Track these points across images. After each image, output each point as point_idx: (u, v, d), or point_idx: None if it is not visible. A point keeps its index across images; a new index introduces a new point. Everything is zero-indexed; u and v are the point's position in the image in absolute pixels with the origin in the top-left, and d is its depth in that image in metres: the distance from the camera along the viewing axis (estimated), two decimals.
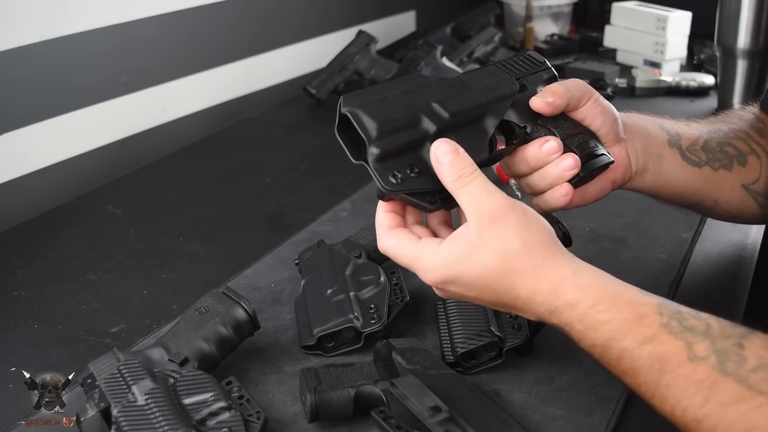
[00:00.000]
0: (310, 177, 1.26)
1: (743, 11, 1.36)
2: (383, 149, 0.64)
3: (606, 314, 0.58)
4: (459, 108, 0.68)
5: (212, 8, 1.52)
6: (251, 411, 0.62)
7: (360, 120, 0.64)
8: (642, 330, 0.56)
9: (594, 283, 0.60)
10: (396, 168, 0.65)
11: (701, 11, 1.69)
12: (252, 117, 1.59)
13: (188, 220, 1.13)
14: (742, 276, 0.91)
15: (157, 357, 0.69)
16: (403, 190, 0.64)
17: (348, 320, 0.77)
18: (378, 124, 0.64)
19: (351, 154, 0.66)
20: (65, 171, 1.28)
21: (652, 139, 0.78)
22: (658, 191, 0.80)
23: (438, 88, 0.69)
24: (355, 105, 0.65)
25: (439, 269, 0.63)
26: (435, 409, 0.61)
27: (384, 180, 0.64)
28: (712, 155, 0.81)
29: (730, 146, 0.83)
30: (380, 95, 0.67)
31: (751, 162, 0.83)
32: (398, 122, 0.65)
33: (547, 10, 1.96)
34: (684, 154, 0.80)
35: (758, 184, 0.83)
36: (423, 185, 0.65)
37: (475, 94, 0.70)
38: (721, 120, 0.88)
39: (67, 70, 1.26)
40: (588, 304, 0.59)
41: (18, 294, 0.94)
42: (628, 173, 0.76)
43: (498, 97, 0.71)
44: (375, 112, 0.65)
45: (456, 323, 0.74)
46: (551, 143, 0.70)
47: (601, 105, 0.73)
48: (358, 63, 1.61)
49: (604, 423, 0.67)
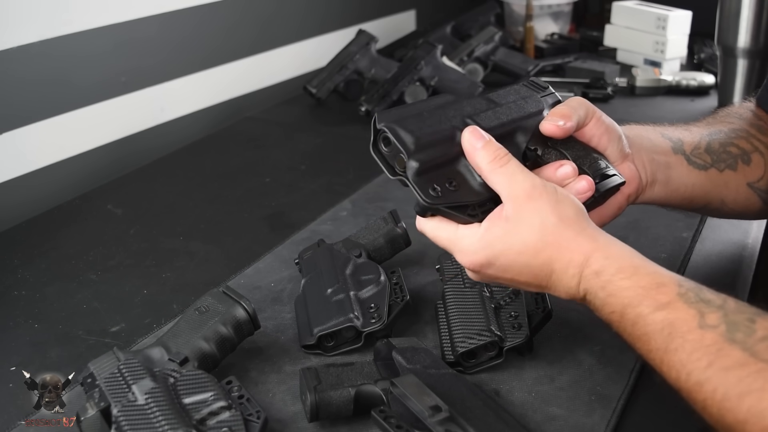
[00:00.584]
0: (310, 176, 1.26)
1: (743, 10, 1.36)
2: (422, 163, 0.65)
3: (627, 281, 0.60)
4: (493, 123, 0.69)
5: (212, 8, 1.52)
6: (251, 410, 0.62)
7: (398, 134, 0.66)
8: (659, 297, 0.58)
9: (620, 253, 0.62)
10: (435, 181, 0.66)
11: (701, 10, 1.69)
12: (252, 116, 1.59)
13: (188, 220, 1.13)
14: (742, 275, 0.91)
15: (157, 356, 0.69)
16: (443, 203, 0.65)
17: (348, 320, 0.77)
18: (415, 138, 0.65)
19: (387, 171, 0.68)
20: (65, 170, 1.28)
21: (656, 148, 0.78)
22: (669, 199, 0.80)
23: (471, 105, 0.70)
24: (392, 120, 0.66)
25: (479, 252, 0.65)
26: (435, 409, 0.61)
27: (424, 193, 0.65)
28: (716, 157, 0.81)
29: (733, 146, 0.83)
30: (414, 111, 0.68)
31: (755, 160, 0.83)
32: (435, 136, 0.67)
33: (548, 9, 1.96)
34: (689, 159, 0.80)
35: (762, 181, 0.83)
36: (462, 198, 0.66)
37: (505, 110, 0.71)
38: (721, 120, 0.87)
39: (66, 69, 1.26)
40: (611, 271, 0.61)
41: (18, 293, 0.94)
42: (640, 187, 0.76)
43: (527, 114, 0.71)
44: (412, 127, 0.66)
45: (456, 322, 0.74)
46: (566, 168, 0.70)
47: (605, 123, 0.73)
48: (358, 62, 1.61)
49: (605, 422, 0.67)
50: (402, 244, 0.91)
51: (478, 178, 0.67)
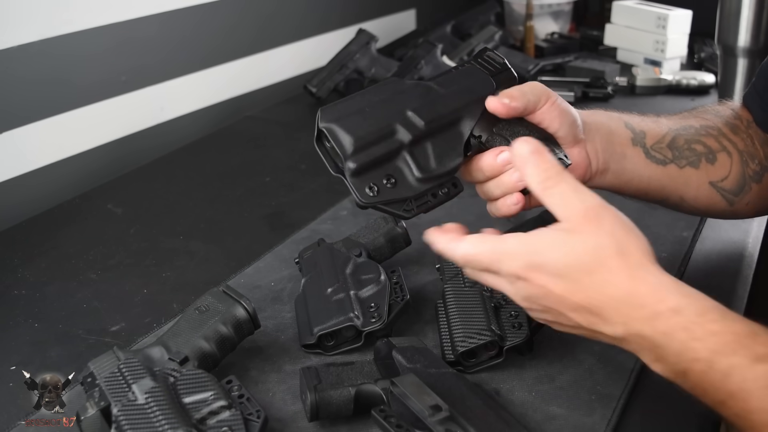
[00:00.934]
0: (311, 176, 1.26)
1: (744, 10, 1.36)
2: (359, 163, 0.66)
3: (715, 325, 0.53)
4: (434, 114, 0.69)
5: (212, 7, 1.52)
6: (251, 410, 0.62)
7: (336, 136, 0.66)
8: (756, 348, 0.51)
9: (697, 293, 0.55)
10: (372, 180, 0.66)
11: (702, 10, 1.69)
12: (252, 116, 1.59)
13: (188, 219, 1.13)
14: (742, 275, 0.91)
15: (157, 356, 0.69)
16: (380, 201, 0.66)
17: (348, 319, 0.77)
18: (354, 139, 0.66)
19: (330, 167, 0.68)
20: (65, 170, 1.28)
21: (614, 137, 0.77)
22: (621, 189, 0.79)
23: (414, 95, 0.69)
24: (332, 120, 0.67)
25: (525, 255, 0.58)
26: (435, 408, 0.61)
27: (361, 193, 0.66)
28: (678, 153, 0.80)
29: (699, 143, 0.82)
30: (357, 106, 0.68)
31: (720, 159, 0.82)
32: (374, 135, 0.67)
33: (548, 9, 1.96)
34: (648, 152, 0.79)
35: (727, 181, 0.82)
36: (399, 194, 0.67)
37: (451, 97, 0.70)
38: (695, 116, 0.86)
39: (66, 68, 1.26)
40: (694, 311, 0.53)
41: (18, 293, 0.94)
42: (587, 173, 0.75)
43: (474, 99, 0.70)
44: (351, 126, 0.66)
45: (456, 322, 0.74)
46: (505, 154, 0.68)
47: (559, 108, 0.71)
48: (359, 61, 1.61)
49: (605, 422, 0.67)
50: (402, 244, 0.91)
51: (416, 173, 0.67)
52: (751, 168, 0.84)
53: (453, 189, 0.69)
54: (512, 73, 0.73)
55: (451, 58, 1.62)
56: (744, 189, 0.83)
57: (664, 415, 0.69)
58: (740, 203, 0.84)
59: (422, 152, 0.68)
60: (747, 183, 0.83)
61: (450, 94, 0.70)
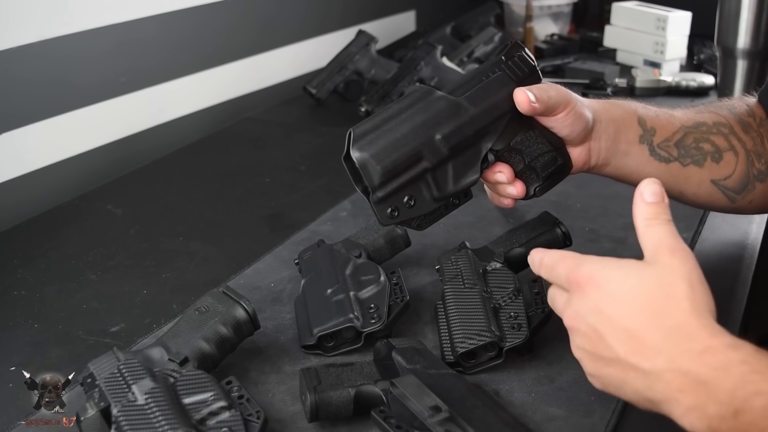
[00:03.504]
0: (310, 177, 1.26)
1: (743, 11, 1.36)
2: (385, 193, 0.70)
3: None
4: (461, 138, 0.72)
5: (212, 8, 1.52)
6: (251, 410, 0.62)
7: (366, 167, 0.70)
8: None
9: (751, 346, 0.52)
10: (394, 203, 0.71)
11: (701, 11, 1.69)
12: (252, 117, 1.59)
13: (188, 220, 1.13)
14: (742, 276, 0.91)
15: (157, 356, 0.69)
16: (399, 221, 0.72)
17: (348, 320, 0.77)
18: (382, 173, 0.70)
19: (356, 184, 0.72)
20: (65, 170, 1.28)
21: (621, 136, 0.79)
22: (619, 179, 0.82)
23: (444, 117, 0.72)
24: (362, 149, 0.70)
25: (593, 268, 0.58)
26: (435, 409, 0.61)
27: (382, 217, 0.71)
28: (684, 151, 0.81)
29: (708, 142, 0.82)
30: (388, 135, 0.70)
31: (726, 159, 0.83)
32: (401, 166, 0.70)
33: (547, 10, 1.96)
34: (653, 150, 0.80)
35: (730, 180, 0.83)
36: (417, 212, 0.72)
37: (479, 118, 0.73)
38: (711, 110, 0.86)
39: (66, 69, 1.26)
40: (752, 349, 0.51)
41: (18, 293, 0.94)
42: (585, 167, 0.79)
43: (500, 115, 0.73)
44: (381, 157, 0.70)
45: (456, 323, 0.74)
46: (501, 176, 0.75)
47: (575, 115, 0.74)
48: (358, 63, 1.61)
49: (604, 423, 0.67)
50: (402, 245, 0.91)
51: (434, 193, 0.71)
52: (756, 167, 0.84)
53: (464, 198, 0.75)
54: (540, 79, 0.76)
55: (451, 59, 1.63)
56: (747, 188, 0.84)
57: (663, 416, 0.69)
58: (742, 201, 0.85)
59: (443, 174, 0.72)
60: (751, 182, 0.84)
61: (479, 114, 0.73)
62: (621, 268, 0.57)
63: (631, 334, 0.54)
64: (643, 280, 0.56)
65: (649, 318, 0.54)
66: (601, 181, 1.13)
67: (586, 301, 0.58)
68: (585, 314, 0.58)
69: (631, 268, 0.57)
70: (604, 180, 1.15)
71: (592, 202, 1.08)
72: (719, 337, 0.52)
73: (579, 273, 0.59)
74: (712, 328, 0.52)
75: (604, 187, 1.13)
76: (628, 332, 0.55)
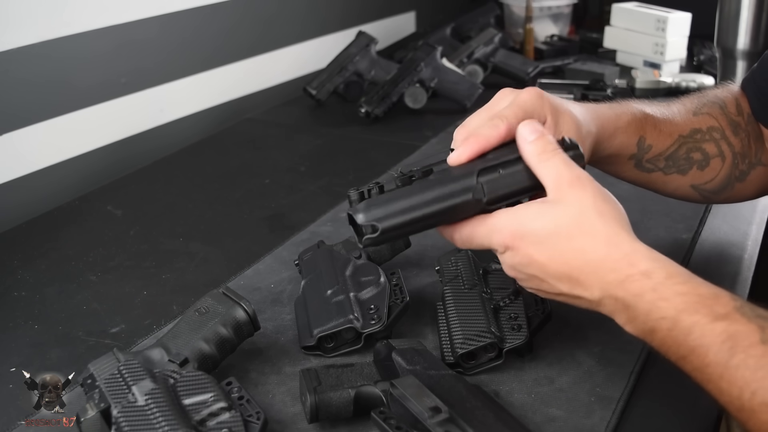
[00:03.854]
0: (310, 177, 1.26)
1: (743, 12, 1.36)
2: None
3: (682, 287, 0.57)
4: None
5: (212, 9, 1.52)
6: (251, 411, 0.62)
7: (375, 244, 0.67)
8: (716, 308, 0.55)
9: (667, 260, 0.59)
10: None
11: (701, 12, 1.69)
12: (252, 118, 1.59)
13: (188, 221, 1.13)
14: (741, 277, 0.91)
15: (157, 357, 0.69)
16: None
17: (348, 321, 0.77)
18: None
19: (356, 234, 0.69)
20: (65, 171, 1.28)
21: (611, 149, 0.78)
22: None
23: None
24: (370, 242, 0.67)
25: (511, 225, 0.63)
26: (435, 410, 0.61)
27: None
28: (672, 162, 0.82)
29: (699, 151, 0.83)
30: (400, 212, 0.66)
31: (712, 165, 0.84)
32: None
33: (547, 11, 1.96)
34: (640, 164, 0.81)
35: (711, 183, 0.84)
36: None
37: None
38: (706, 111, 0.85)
39: (66, 70, 1.26)
40: (663, 275, 0.58)
41: (18, 294, 0.94)
42: None
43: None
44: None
45: (456, 324, 0.74)
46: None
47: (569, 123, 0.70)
48: (358, 64, 1.61)
49: (604, 424, 0.67)
50: (402, 246, 0.91)
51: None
52: (739, 169, 0.85)
53: None
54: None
55: (451, 60, 1.63)
56: (726, 189, 0.85)
57: (663, 417, 0.69)
58: (716, 199, 0.88)
59: None
60: (731, 183, 0.85)
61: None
62: (535, 217, 0.62)
63: (566, 274, 0.61)
64: (557, 221, 0.61)
65: (575, 257, 0.61)
66: (601, 183, 1.13)
67: (518, 256, 0.63)
68: (521, 267, 0.64)
69: (544, 213, 0.62)
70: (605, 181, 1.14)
71: None
72: (636, 264, 0.59)
73: (501, 235, 0.63)
74: (629, 255, 0.59)
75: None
76: (563, 273, 0.62)
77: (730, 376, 0.52)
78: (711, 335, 0.54)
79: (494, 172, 0.66)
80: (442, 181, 0.66)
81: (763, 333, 0.52)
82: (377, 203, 0.67)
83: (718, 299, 0.55)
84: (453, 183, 0.66)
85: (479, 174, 0.65)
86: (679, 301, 0.56)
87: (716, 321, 0.54)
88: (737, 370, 0.52)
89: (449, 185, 0.66)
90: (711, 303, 0.55)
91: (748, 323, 0.53)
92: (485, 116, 0.69)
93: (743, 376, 0.52)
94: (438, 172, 0.68)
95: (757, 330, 0.53)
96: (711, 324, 0.54)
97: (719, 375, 0.53)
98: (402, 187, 0.67)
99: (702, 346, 0.54)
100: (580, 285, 0.61)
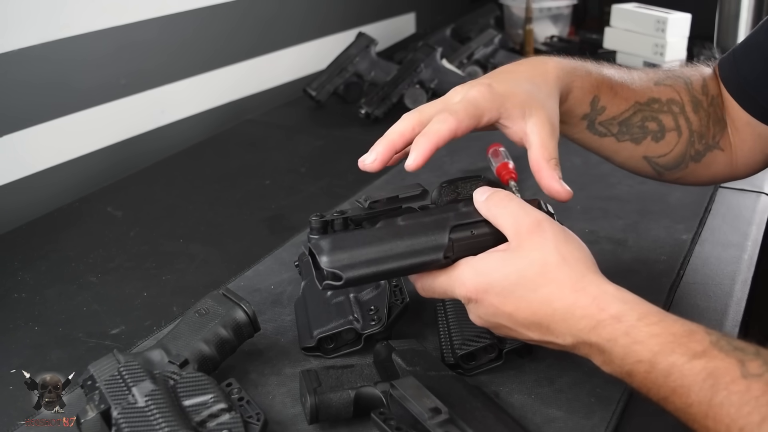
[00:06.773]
0: (310, 179, 1.26)
1: (743, 13, 1.36)
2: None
3: (655, 327, 0.55)
4: None
5: (212, 10, 1.52)
6: (251, 412, 0.63)
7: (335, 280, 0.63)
8: (692, 345, 0.54)
9: (635, 299, 0.58)
10: None
11: (701, 13, 1.69)
12: (252, 119, 1.59)
13: (188, 222, 1.13)
14: (741, 278, 0.91)
15: (157, 359, 0.69)
16: None
17: (348, 322, 0.77)
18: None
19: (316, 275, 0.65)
20: (65, 173, 1.28)
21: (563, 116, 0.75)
22: None
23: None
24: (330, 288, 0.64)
25: (474, 278, 0.62)
26: (435, 411, 0.61)
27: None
28: (626, 129, 0.80)
29: (655, 121, 0.81)
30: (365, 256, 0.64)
31: (667, 138, 0.82)
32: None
33: (547, 12, 1.96)
34: (593, 127, 0.79)
35: (665, 158, 0.83)
36: None
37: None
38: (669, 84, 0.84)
39: (66, 72, 1.26)
40: (635, 317, 0.56)
41: (18, 296, 0.94)
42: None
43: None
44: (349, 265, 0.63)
45: (455, 325, 0.74)
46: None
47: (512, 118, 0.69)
48: (358, 65, 1.61)
49: (604, 424, 0.67)
50: None
51: None
52: (695, 148, 0.84)
53: None
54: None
55: (451, 61, 1.63)
56: (680, 167, 0.84)
57: (663, 418, 0.69)
58: (670, 176, 0.86)
59: None
60: (685, 162, 0.84)
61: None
62: (497, 268, 0.61)
63: (535, 323, 0.60)
64: (520, 272, 0.60)
65: (542, 307, 0.60)
66: (601, 183, 1.14)
67: (483, 307, 0.63)
68: (488, 317, 0.63)
69: (506, 263, 0.61)
70: (605, 182, 1.15)
71: (593, 204, 1.08)
72: (606, 308, 0.57)
73: (465, 288, 0.63)
74: (598, 300, 0.58)
75: (604, 189, 1.13)
76: (532, 322, 0.61)
77: (715, 414, 0.52)
78: (690, 374, 0.53)
79: (466, 230, 0.65)
80: (412, 232, 0.64)
81: (743, 367, 0.52)
82: (343, 245, 0.63)
83: (692, 336, 0.54)
84: (424, 236, 0.64)
85: (451, 231, 0.64)
86: (653, 343, 0.55)
87: (694, 359, 0.53)
88: (722, 407, 0.51)
89: (420, 237, 0.64)
90: (686, 341, 0.54)
91: (727, 358, 0.52)
92: (439, 107, 0.69)
93: (728, 414, 0.51)
94: (407, 216, 0.66)
95: (737, 364, 0.52)
96: (689, 363, 0.53)
97: (704, 414, 0.52)
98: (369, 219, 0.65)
99: (683, 387, 0.53)
100: (550, 333, 0.60)
